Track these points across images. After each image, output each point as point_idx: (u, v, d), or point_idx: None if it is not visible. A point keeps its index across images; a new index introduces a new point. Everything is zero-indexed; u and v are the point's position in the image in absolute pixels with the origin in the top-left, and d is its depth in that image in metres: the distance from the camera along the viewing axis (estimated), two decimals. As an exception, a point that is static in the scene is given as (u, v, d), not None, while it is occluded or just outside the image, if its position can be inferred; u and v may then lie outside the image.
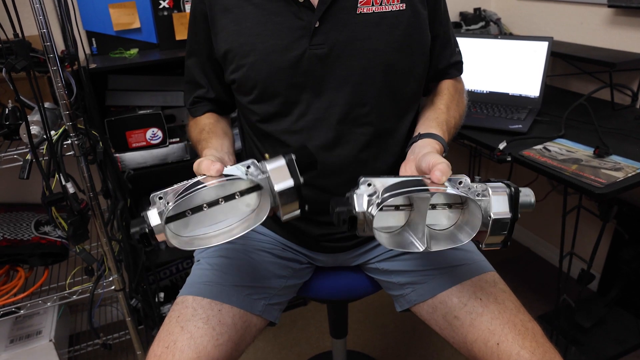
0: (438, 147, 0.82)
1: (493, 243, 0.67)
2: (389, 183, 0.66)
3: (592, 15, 1.75)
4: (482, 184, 0.67)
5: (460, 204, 0.71)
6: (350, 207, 0.66)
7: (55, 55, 1.13)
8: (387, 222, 0.72)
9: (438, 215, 0.72)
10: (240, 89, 0.92)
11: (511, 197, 0.65)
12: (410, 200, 0.70)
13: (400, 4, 0.86)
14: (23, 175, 1.14)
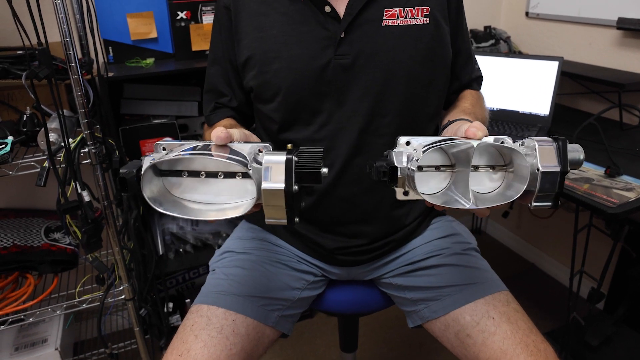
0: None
1: (543, 201, 0.63)
2: (427, 141, 0.64)
3: (601, 36, 1.78)
4: (527, 141, 0.64)
5: (504, 165, 0.68)
6: (390, 161, 0.63)
7: (76, 64, 1.15)
8: (428, 185, 0.69)
9: (482, 178, 0.69)
10: (261, 96, 0.93)
11: (559, 150, 0.62)
12: (452, 160, 0.68)
13: (424, 18, 0.88)
14: (40, 183, 1.15)
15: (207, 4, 1.55)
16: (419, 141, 0.65)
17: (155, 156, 0.63)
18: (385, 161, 0.63)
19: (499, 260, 2.34)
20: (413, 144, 0.65)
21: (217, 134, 0.63)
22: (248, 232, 1.07)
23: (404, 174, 0.63)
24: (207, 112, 1.04)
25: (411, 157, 0.63)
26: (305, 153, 0.62)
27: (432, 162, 0.68)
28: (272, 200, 0.60)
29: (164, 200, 0.66)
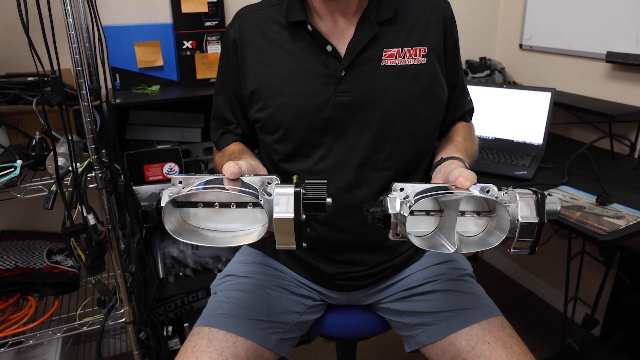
0: (462, 165, 0.87)
1: (521, 248, 0.70)
2: (419, 189, 0.70)
3: (592, 68, 1.86)
4: (510, 191, 0.70)
5: (489, 211, 0.74)
6: (384, 208, 0.69)
7: (87, 92, 1.20)
8: (418, 227, 0.75)
9: (467, 222, 0.75)
10: (265, 128, 0.99)
11: (538, 203, 0.68)
12: (441, 206, 0.74)
13: (422, 58, 0.94)
14: (47, 206, 1.19)
15: (212, 35, 1.62)
16: (412, 188, 0.71)
17: (173, 190, 0.69)
18: (380, 207, 0.70)
19: (496, 287, 2.37)
20: (406, 191, 0.71)
21: (230, 169, 0.69)
22: (249, 257, 1.11)
23: (398, 219, 0.69)
24: (215, 138, 1.09)
25: (404, 204, 0.69)
26: (311, 185, 0.69)
27: (423, 207, 0.74)
28: (283, 228, 0.67)
29: (182, 230, 0.71)
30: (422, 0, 0.98)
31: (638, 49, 1.67)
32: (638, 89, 1.71)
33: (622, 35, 1.71)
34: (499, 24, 2.30)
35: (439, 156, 0.95)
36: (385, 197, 0.71)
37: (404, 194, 0.71)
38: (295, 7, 0.93)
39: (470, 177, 0.70)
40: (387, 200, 0.70)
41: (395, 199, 0.70)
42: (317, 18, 0.95)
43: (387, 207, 0.69)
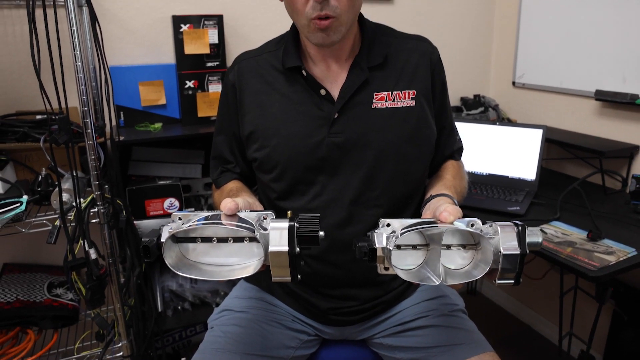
0: (450, 201, 0.91)
1: (505, 279, 0.72)
2: (406, 224, 0.74)
3: (582, 105, 1.92)
4: (493, 224, 0.73)
5: (474, 244, 0.77)
6: (371, 243, 0.73)
7: (92, 130, 1.26)
8: (406, 261, 0.78)
9: (454, 256, 0.78)
10: (262, 168, 1.04)
11: (519, 234, 0.71)
12: (426, 240, 0.78)
13: (411, 101, 1.00)
14: (51, 240, 1.23)
15: (213, 75, 1.70)
16: (399, 223, 0.75)
17: (172, 226, 0.73)
18: (367, 242, 0.73)
19: (494, 322, 2.37)
20: (393, 226, 0.75)
21: (227, 206, 0.73)
22: (246, 292, 1.14)
23: (384, 253, 0.73)
24: (214, 176, 1.14)
25: (390, 238, 0.73)
26: (304, 219, 0.73)
27: (410, 241, 0.78)
28: (278, 261, 0.71)
29: (181, 264, 0.75)
30: (410, 46, 1.04)
31: (625, 87, 1.73)
32: (627, 126, 1.76)
33: (610, 74, 1.78)
34: (493, 62, 2.38)
35: (429, 194, 0.99)
36: (373, 233, 0.74)
37: (390, 229, 0.75)
38: (291, 53, 0.99)
39: (454, 211, 0.74)
40: (374, 235, 0.74)
41: (382, 234, 0.74)
42: (311, 63, 1.01)
43: (374, 242, 0.73)
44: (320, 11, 0.87)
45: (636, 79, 1.70)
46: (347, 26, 0.92)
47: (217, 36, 1.68)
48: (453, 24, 2.26)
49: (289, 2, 0.92)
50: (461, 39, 2.29)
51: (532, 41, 2.11)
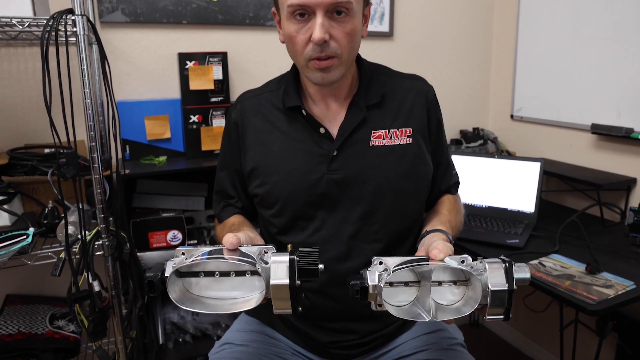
0: (444, 237, 0.94)
1: (495, 315, 0.74)
2: (398, 261, 0.77)
3: (579, 138, 1.96)
4: (482, 260, 0.76)
5: (465, 280, 0.80)
6: (363, 281, 0.76)
7: (99, 164, 1.30)
8: (398, 298, 0.80)
9: (445, 292, 0.80)
10: (263, 203, 1.07)
11: (506, 271, 0.74)
12: (418, 277, 0.80)
13: (407, 138, 1.04)
14: (56, 273, 1.25)
15: (217, 109, 1.75)
16: (391, 261, 0.78)
17: (176, 261, 0.75)
18: (359, 280, 0.76)
19: (496, 354, 2.35)
20: (386, 263, 0.78)
21: (229, 240, 0.76)
22: (247, 325, 1.15)
23: (376, 291, 0.75)
24: (217, 210, 1.17)
25: (382, 276, 0.76)
26: (304, 253, 0.76)
27: (402, 278, 0.80)
28: (279, 294, 0.73)
29: (185, 299, 0.77)
30: (407, 85, 1.08)
31: (620, 121, 1.77)
32: (623, 159, 1.80)
33: (605, 108, 1.83)
34: (491, 95, 2.44)
35: (424, 229, 1.02)
36: (365, 271, 0.77)
37: (382, 267, 0.77)
38: (291, 93, 1.04)
39: (445, 249, 0.77)
40: (366, 273, 0.77)
41: (374, 272, 0.76)
42: (311, 102, 1.05)
43: (366, 280, 0.75)
44: (321, 52, 0.92)
45: (631, 113, 1.75)
46: (346, 66, 0.97)
47: (221, 72, 1.74)
48: (452, 59, 2.33)
49: (290, 43, 0.96)
50: (460, 74, 2.36)
51: (528, 75, 2.17)
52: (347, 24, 0.93)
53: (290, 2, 0.91)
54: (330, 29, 0.91)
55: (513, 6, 2.23)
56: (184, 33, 1.83)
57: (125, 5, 1.72)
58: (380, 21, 2.15)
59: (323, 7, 0.90)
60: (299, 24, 0.93)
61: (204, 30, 1.86)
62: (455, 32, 2.31)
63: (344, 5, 0.91)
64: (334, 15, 0.92)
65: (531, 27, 2.15)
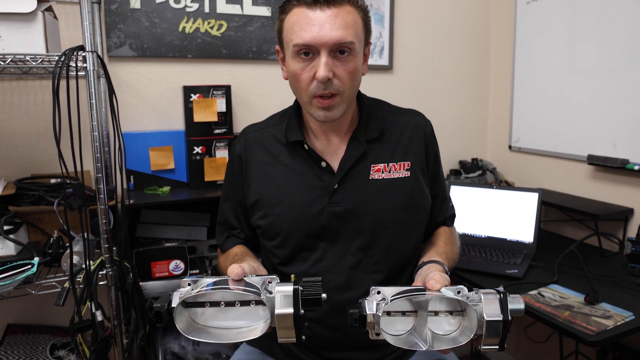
0: (440, 268, 0.97)
1: (490, 345, 0.76)
2: (395, 291, 0.79)
3: (576, 169, 2.00)
4: (477, 291, 0.78)
5: (461, 311, 0.82)
6: (361, 310, 0.78)
7: (105, 195, 1.34)
8: (395, 327, 0.82)
9: (441, 322, 0.82)
10: (265, 234, 1.10)
11: (501, 302, 0.76)
12: (415, 307, 0.82)
13: (406, 172, 1.08)
14: (59, 302, 1.27)
15: (220, 141, 1.80)
16: (389, 291, 0.80)
17: (182, 291, 0.78)
18: (358, 309, 0.79)
19: (502, 387, 2.33)
20: (384, 293, 0.81)
21: (234, 271, 0.79)
22: (248, 355, 1.17)
23: (374, 320, 0.78)
24: (220, 241, 1.21)
25: (380, 305, 0.78)
26: (307, 282, 0.79)
27: (399, 308, 0.83)
28: (284, 323, 0.76)
29: (191, 329, 0.80)
30: (405, 120, 1.13)
31: (615, 152, 1.82)
32: (620, 189, 1.84)
33: (601, 139, 1.88)
34: (489, 127, 2.50)
35: (421, 260, 1.05)
36: (364, 300, 0.80)
37: (380, 296, 0.80)
38: (294, 127, 1.09)
39: (441, 279, 0.80)
40: (365, 302, 0.79)
41: (372, 301, 0.79)
42: (312, 137, 1.10)
43: (365, 309, 0.78)
44: (324, 90, 0.97)
45: (626, 144, 1.79)
46: (347, 103, 1.02)
47: (224, 105, 1.80)
48: (451, 91, 2.40)
49: (294, 80, 1.01)
50: (459, 105, 2.43)
51: (526, 107, 2.24)
52: (349, 63, 0.98)
53: (296, 42, 0.96)
54: (333, 68, 0.96)
55: (509, 40, 2.31)
56: (189, 67, 1.90)
57: (133, 40, 1.79)
58: (380, 55, 2.22)
59: (327, 47, 0.95)
60: (304, 62, 0.98)
61: (208, 64, 1.93)
62: (454, 65, 2.39)
63: (347, 46, 0.96)
64: (337, 55, 0.97)
65: (527, 60, 2.22)
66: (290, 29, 0.98)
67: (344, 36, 0.95)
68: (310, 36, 0.94)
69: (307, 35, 0.94)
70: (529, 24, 2.19)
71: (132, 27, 1.79)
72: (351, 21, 0.97)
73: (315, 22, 0.94)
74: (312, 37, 0.94)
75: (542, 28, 2.12)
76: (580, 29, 1.93)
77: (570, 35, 1.98)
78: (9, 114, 1.67)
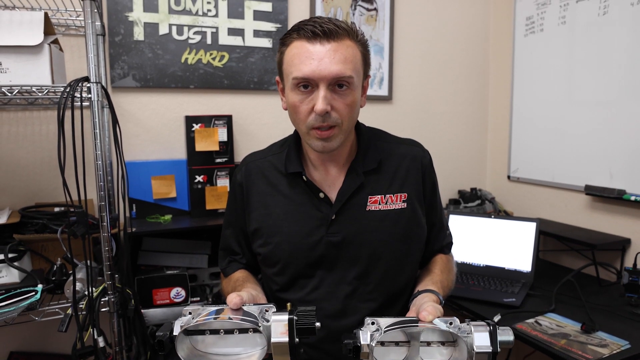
0: (435, 298, 1.02)
1: None
2: (389, 322, 0.85)
3: (574, 199, 2.08)
4: (468, 322, 0.83)
5: (452, 342, 0.87)
6: (356, 340, 0.83)
7: (108, 224, 1.41)
8: (389, 356, 0.86)
9: (433, 352, 0.86)
10: (265, 262, 1.17)
11: (491, 334, 0.81)
12: (408, 337, 0.87)
13: (402, 203, 1.14)
14: (62, 329, 1.33)
15: (221, 170, 1.89)
16: (383, 322, 0.86)
17: (183, 320, 0.84)
18: (352, 339, 0.84)
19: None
20: (378, 323, 0.86)
21: (233, 301, 0.85)
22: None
23: (369, 349, 0.83)
24: (223, 265, 1.27)
25: (374, 336, 0.84)
26: (302, 312, 0.85)
27: (392, 338, 0.87)
28: (280, 350, 0.81)
29: (192, 356, 0.85)
30: (402, 151, 1.19)
31: (612, 183, 1.90)
32: (617, 220, 1.91)
33: (598, 170, 1.96)
34: (488, 157, 2.59)
35: (416, 289, 1.11)
36: (359, 330, 0.85)
37: (375, 327, 0.85)
38: (293, 158, 1.15)
39: (434, 311, 0.86)
40: (359, 332, 0.85)
41: (367, 332, 0.85)
42: (311, 167, 1.16)
43: (359, 339, 0.84)
44: (323, 122, 1.02)
45: (622, 175, 1.87)
46: (345, 134, 1.08)
47: (226, 134, 1.90)
48: (450, 122, 2.50)
49: (293, 112, 1.07)
50: (458, 136, 2.52)
51: (524, 138, 2.33)
52: (347, 96, 1.03)
53: (295, 75, 1.01)
54: (332, 101, 1.01)
55: (507, 71, 2.42)
56: (191, 97, 2.00)
57: (136, 71, 1.90)
58: (380, 85, 2.33)
59: (326, 81, 1.00)
60: (303, 94, 1.03)
61: (210, 95, 2.03)
62: (453, 96, 2.50)
63: (345, 80, 1.01)
64: (335, 88, 1.02)
65: (525, 92, 2.32)
66: (290, 61, 1.03)
67: (343, 70, 0.99)
68: (309, 70, 0.99)
69: (307, 68, 0.99)
70: (527, 56, 2.30)
71: (135, 59, 1.89)
72: (350, 55, 1.01)
73: (314, 55, 0.99)
74: (312, 70, 0.99)
75: (540, 60, 2.23)
76: (578, 61, 2.04)
77: (568, 68, 2.08)
78: (14, 144, 1.76)
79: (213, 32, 1.99)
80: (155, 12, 1.90)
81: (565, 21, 2.08)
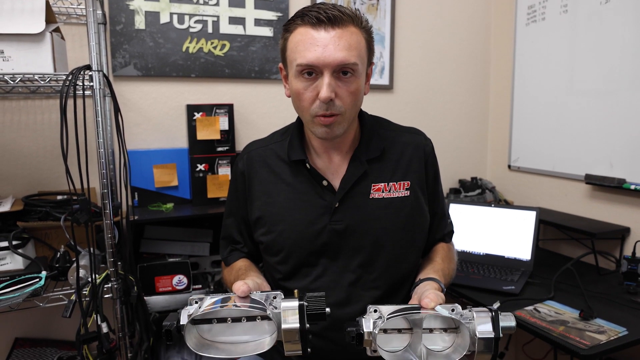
0: (436, 286, 1.03)
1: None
2: (392, 309, 0.86)
3: (574, 188, 2.09)
4: (471, 309, 0.85)
5: (455, 328, 0.88)
6: (359, 328, 0.85)
7: (110, 211, 1.43)
8: (392, 343, 0.88)
9: (435, 339, 0.88)
10: (268, 251, 1.18)
11: (493, 319, 0.82)
12: (410, 324, 0.89)
13: (405, 191, 1.15)
14: (66, 314, 1.36)
15: (222, 158, 1.90)
16: (386, 309, 0.87)
17: (190, 309, 0.84)
18: (355, 327, 0.86)
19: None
20: (380, 311, 0.87)
21: (240, 289, 0.85)
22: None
23: (372, 336, 0.85)
24: (224, 255, 1.28)
25: (377, 323, 0.85)
26: (312, 298, 0.86)
27: (395, 325, 0.89)
28: (290, 337, 0.82)
29: (200, 345, 0.86)
30: (406, 139, 1.20)
31: (612, 172, 1.91)
32: (617, 208, 1.92)
33: (598, 159, 1.97)
34: (489, 146, 2.60)
35: (418, 277, 1.13)
36: (361, 318, 0.87)
37: (377, 314, 0.87)
38: (296, 146, 1.15)
39: (436, 298, 0.87)
40: (362, 320, 0.86)
41: (369, 319, 0.86)
42: (314, 155, 1.17)
43: (362, 327, 0.85)
44: (326, 110, 1.02)
45: (622, 164, 1.88)
46: (349, 122, 1.08)
47: (227, 123, 1.91)
48: (451, 111, 2.51)
49: (297, 99, 1.06)
50: (459, 125, 2.53)
51: (524, 127, 2.34)
52: (352, 83, 1.03)
53: (299, 62, 1.00)
54: (336, 88, 1.01)
55: (509, 61, 2.43)
56: (192, 86, 2.01)
57: (137, 60, 1.90)
58: (381, 74, 2.33)
59: (330, 68, 0.99)
60: (307, 82, 1.02)
61: (211, 83, 2.04)
62: (454, 85, 2.50)
63: (349, 67, 1.01)
64: (340, 75, 1.02)
65: (526, 81, 2.33)
66: (294, 48, 1.02)
67: (348, 57, 0.99)
68: (314, 56, 0.99)
69: (311, 55, 0.99)
70: (528, 45, 2.31)
71: (136, 47, 1.90)
72: (355, 42, 1.01)
73: (319, 42, 0.99)
74: (316, 57, 0.99)
75: (541, 49, 2.23)
76: (579, 51, 2.04)
77: (570, 57, 2.08)
78: (16, 133, 1.77)
79: (214, 20, 1.99)
80: (156, 1, 1.90)
81: (567, 10, 2.08)
